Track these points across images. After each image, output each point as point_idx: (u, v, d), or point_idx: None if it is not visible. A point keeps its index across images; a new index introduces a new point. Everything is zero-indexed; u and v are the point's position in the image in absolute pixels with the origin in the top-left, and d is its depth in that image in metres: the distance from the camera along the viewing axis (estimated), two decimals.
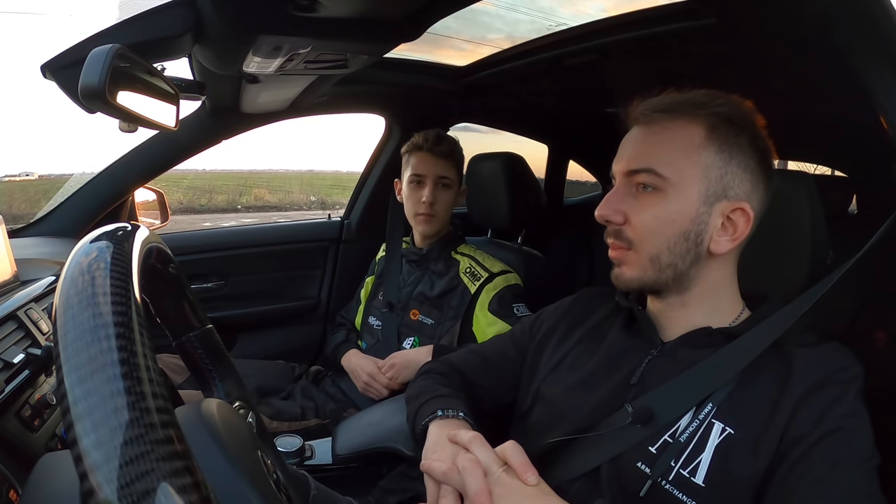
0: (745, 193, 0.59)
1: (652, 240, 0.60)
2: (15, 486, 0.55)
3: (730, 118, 0.59)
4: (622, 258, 0.63)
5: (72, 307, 0.26)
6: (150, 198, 1.43)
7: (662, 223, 0.59)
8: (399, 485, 0.95)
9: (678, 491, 0.53)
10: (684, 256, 0.59)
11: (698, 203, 0.58)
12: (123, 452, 0.22)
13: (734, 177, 0.58)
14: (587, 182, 2.58)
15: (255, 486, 0.35)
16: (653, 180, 0.59)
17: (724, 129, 0.59)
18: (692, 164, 0.58)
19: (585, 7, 1.18)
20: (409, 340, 1.24)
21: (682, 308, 0.63)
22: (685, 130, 0.59)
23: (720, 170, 0.58)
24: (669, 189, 0.59)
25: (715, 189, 0.58)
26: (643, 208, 0.60)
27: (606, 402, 0.63)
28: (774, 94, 1.05)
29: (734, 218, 0.59)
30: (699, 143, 0.58)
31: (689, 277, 0.61)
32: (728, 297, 0.64)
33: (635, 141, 0.62)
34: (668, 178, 0.58)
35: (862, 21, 0.61)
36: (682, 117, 0.60)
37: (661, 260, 0.60)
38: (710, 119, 0.59)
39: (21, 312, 0.74)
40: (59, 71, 0.71)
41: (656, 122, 0.61)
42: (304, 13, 0.69)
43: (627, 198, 0.61)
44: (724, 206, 0.59)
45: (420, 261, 1.29)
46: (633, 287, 0.64)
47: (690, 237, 0.59)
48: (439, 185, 1.24)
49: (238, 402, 0.54)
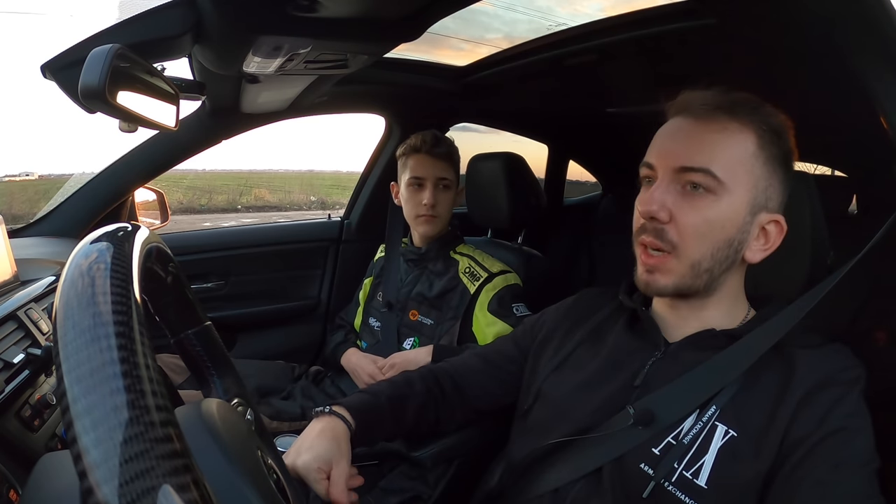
0: (780, 206, 0.60)
1: (698, 244, 0.57)
2: (15, 486, 0.55)
3: (777, 131, 0.59)
4: (659, 265, 0.59)
5: (72, 308, 0.26)
6: (150, 198, 1.43)
7: (713, 228, 0.57)
8: (399, 485, 0.95)
9: (681, 492, 0.54)
10: (722, 263, 0.59)
11: (745, 211, 0.58)
12: (123, 451, 0.22)
13: (775, 190, 0.59)
14: (587, 182, 2.58)
15: (255, 485, 0.35)
16: (707, 182, 0.56)
17: (771, 142, 0.58)
18: (746, 173, 0.57)
19: (584, 7, 1.18)
20: (409, 341, 1.24)
21: (700, 310, 0.63)
22: (741, 136, 0.57)
23: (766, 181, 0.58)
24: (723, 193, 0.56)
25: (760, 200, 0.58)
26: (693, 209, 0.57)
27: (609, 403, 0.63)
28: (774, 94, 1.05)
29: (769, 229, 0.60)
30: (753, 153, 0.57)
31: (718, 283, 0.61)
32: (740, 301, 0.64)
33: (688, 136, 0.59)
34: (724, 182, 0.56)
35: (862, 22, 0.61)
36: (738, 120, 0.57)
37: (701, 265, 0.58)
38: (761, 129, 0.58)
39: (21, 312, 0.74)
40: (59, 71, 0.71)
41: (712, 118, 0.58)
42: (304, 13, 0.69)
43: (676, 196, 0.58)
44: (763, 217, 0.59)
45: (418, 260, 1.29)
46: (665, 294, 0.62)
47: (734, 245, 0.58)
48: (439, 186, 1.24)
49: (236, 399, 0.54)
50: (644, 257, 0.61)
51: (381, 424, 0.73)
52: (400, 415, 0.75)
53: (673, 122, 0.61)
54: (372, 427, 0.72)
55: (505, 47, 1.34)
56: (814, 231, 0.66)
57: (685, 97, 0.60)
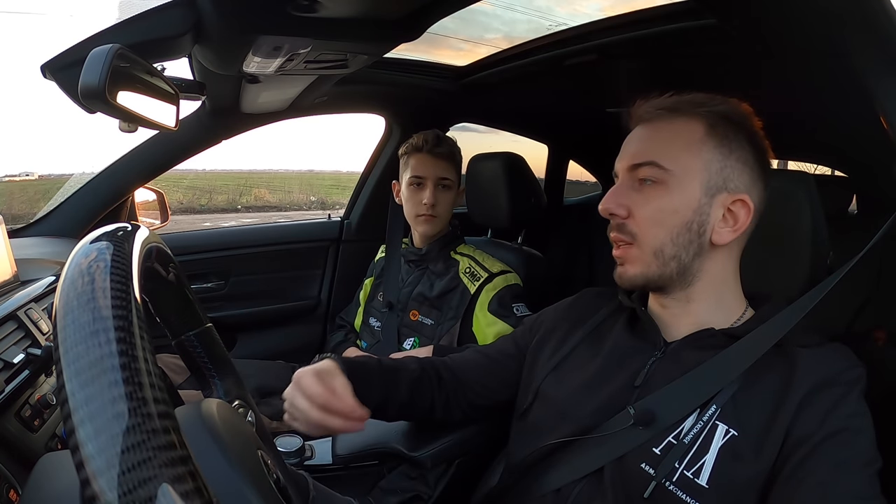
0: (744, 186, 0.60)
1: (655, 232, 0.61)
2: (15, 486, 0.55)
3: (728, 116, 0.61)
4: (625, 256, 0.64)
5: (71, 306, 0.26)
6: (150, 198, 1.43)
7: (666, 214, 0.60)
8: (399, 485, 0.95)
9: (682, 492, 0.54)
10: (687, 248, 0.61)
11: (700, 194, 0.60)
12: (120, 443, 0.22)
13: (733, 170, 0.60)
14: (587, 182, 2.58)
15: (255, 486, 0.35)
16: (655, 173, 0.61)
17: (722, 126, 0.60)
18: (693, 157, 0.60)
19: (583, 7, 1.18)
20: (410, 341, 1.24)
21: (686, 304, 0.64)
22: (686, 127, 0.61)
23: (720, 163, 0.60)
24: (672, 181, 0.60)
25: (716, 181, 0.60)
26: (646, 201, 0.61)
27: (609, 404, 0.63)
28: (774, 93, 1.05)
29: (735, 209, 0.60)
30: (700, 138, 0.60)
31: (692, 271, 0.62)
32: (731, 295, 0.64)
33: (638, 139, 0.64)
34: (670, 170, 0.60)
35: (862, 21, 0.61)
36: (683, 115, 0.62)
37: (664, 252, 0.61)
38: (709, 117, 0.61)
39: (21, 312, 0.74)
40: (59, 71, 0.71)
41: (659, 119, 0.63)
42: (304, 13, 0.69)
43: (631, 192, 0.63)
44: (725, 197, 0.60)
45: (419, 261, 1.29)
46: (638, 284, 0.64)
47: (693, 227, 0.60)
48: (440, 186, 1.24)
49: (237, 400, 0.54)
50: (614, 251, 0.65)
51: (371, 382, 0.73)
52: (391, 382, 0.75)
53: (632, 132, 0.66)
54: (361, 381, 0.71)
55: (504, 47, 1.35)
56: (814, 231, 0.66)
57: (635, 108, 0.65)
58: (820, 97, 1.05)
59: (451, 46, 1.48)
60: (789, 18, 0.71)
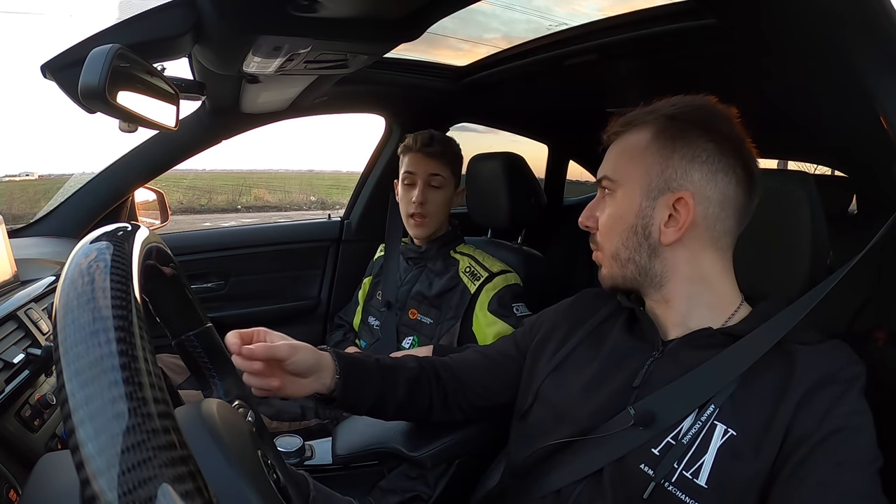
0: (691, 183, 0.60)
1: (609, 237, 0.66)
2: (15, 486, 0.55)
3: (675, 116, 0.62)
4: (597, 259, 0.69)
5: (71, 306, 0.26)
6: (150, 198, 1.43)
7: (614, 220, 0.65)
8: (399, 485, 0.95)
9: (681, 492, 0.53)
10: (638, 249, 0.63)
11: (640, 198, 0.62)
12: (120, 443, 0.22)
13: (676, 169, 0.61)
14: (587, 182, 2.58)
15: (255, 486, 0.35)
16: (609, 185, 0.66)
17: (671, 128, 0.62)
18: (635, 165, 0.63)
19: (582, 6, 1.18)
20: (409, 340, 1.24)
21: (666, 305, 0.64)
22: (634, 137, 0.65)
23: (660, 165, 0.62)
24: (619, 190, 0.65)
25: (657, 184, 0.62)
26: (602, 211, 0.67)
27: (609, 405, 0.63)
28: (774, 93, 1.05)
29: (679, 208, 0.61)
30: (644, 146, 0.63)
31: (655, 271, 0.63)
32: (715, 292, 0.63)
33: (606, 156, 0.69)
34: (616, 180, 0.65)
35: (862, 21, 0.61)
36: (635, 126, 0.65)
37: (620, 256, 0.65)
38: (657, 122, 0.63)
39: (21, 312, 0.74)
40: (59, 71, 0.71)
41: (618, 135, 0.67)
42: (304, 13, 0.69)
43: (598, 203, 0.68)
44: (668, 198, 0.61)
45: (418, 259, 1.30)
46: (609, 286, 0.69)
47: (638, 230, 0.63)
48: (430, 184, 1.24)
49: (237, 400, 0.54)
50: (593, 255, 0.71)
51: (368, 379, 0.74)
52: (389, 380, 0.76)
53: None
54: (358, 376, 0.72)
55: (503, 47, 1.35)
56: (814, 231, 0.66)
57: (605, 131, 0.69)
58: (820, 97, 1.05)
59: (450, 46, 1.48)
60: (789, 18, 0.71)
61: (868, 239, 0.59)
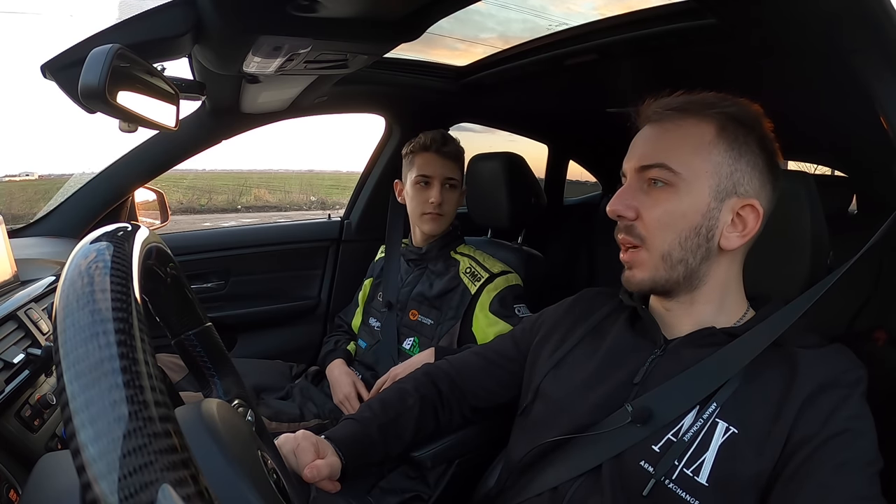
0: (754, 191, 0.60)
1: (664, 235, 0.60)
2: (15, 486, 0.55)
3: (739, 118, 0.60)
4: (633, 260, 0.63)
5: (71, 307, 0.26)
6: (150, 198, 1.43)
7: (674, 218, 0.59)
8: (399, 485, 0.96)
9: (682, 490, 0.53)
10: (695, 252, 0.60)
11: (709, 198, 0.59)
12: (121, 446, 0.22)
13: (743, 174, 0.59)
14: (587, 182, 2.58)
15: (255, 486, 0.35)
16: (665, 175, 0.60)
17: (733, 128, 0.60)
18: (703, 161, 0.59)
19: (577, 6, 1.18)
20: (409, 341, 1.24)
21: (690, 306, 0.63)
22: (696, 128, 0.60)
23: (730, 167, 0.59)
24: (681, 184, 0.59)
25: (725, 185, 0.59)
26: (655, 203, 0.60)
27: (608, 401, 0.63)
28: (774, 93, 1.05)
29: (744, 214, 0.60)
30: (710, 141, 0.59)
31: (699, 275, 0.61)
32: (734, 297, 0.64)
33: (647, 139, 0.63)
34: (679, 173, 0.59)
35: (862, 22, 0.61)
36: (693, 116, 0.61)
37: (672, 256, 0.60)
38: (720, 118, 0.60)
39: (21, 312, 0.74)
40: (59, 71, 0.71)
41: (668, 119, 0.62)
42: (304, 13, 0.69)
43: (639, 193, 0.62)
44: (735, 202, 0.59)
45: (419, 260, 1.29)
46: (645, 288, 0.64)
47: (701, 232, 0.59)
48: (446, 185, 1.24)
49: (237, 399, 0.54)
50: (622, 255, 0.64)
51: (373, 451, 0.71)
52: (393, 438, 0.73)
53: (641, 131, 0.65)
54: (363, 456, 0.69)
55: (500, 47, 1.35)
56: (814, 231, 0.66)
57: (644, 107, 0.64)
58: (820, 97, 1.05)
59: (446, 46, 1.48)
60: (789, 18, 0.71)
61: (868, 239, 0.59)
